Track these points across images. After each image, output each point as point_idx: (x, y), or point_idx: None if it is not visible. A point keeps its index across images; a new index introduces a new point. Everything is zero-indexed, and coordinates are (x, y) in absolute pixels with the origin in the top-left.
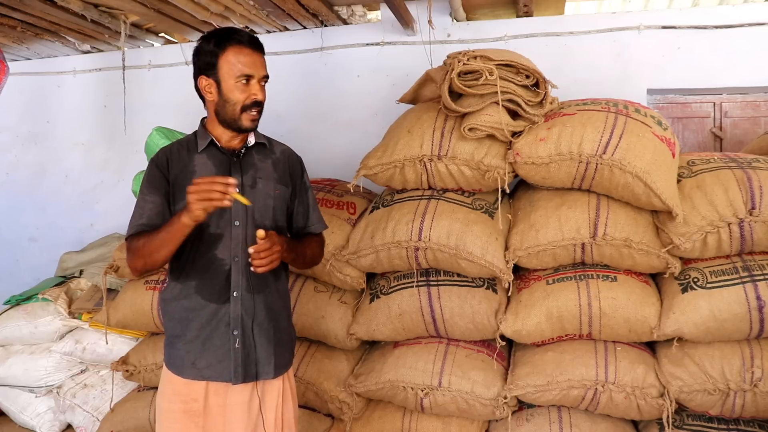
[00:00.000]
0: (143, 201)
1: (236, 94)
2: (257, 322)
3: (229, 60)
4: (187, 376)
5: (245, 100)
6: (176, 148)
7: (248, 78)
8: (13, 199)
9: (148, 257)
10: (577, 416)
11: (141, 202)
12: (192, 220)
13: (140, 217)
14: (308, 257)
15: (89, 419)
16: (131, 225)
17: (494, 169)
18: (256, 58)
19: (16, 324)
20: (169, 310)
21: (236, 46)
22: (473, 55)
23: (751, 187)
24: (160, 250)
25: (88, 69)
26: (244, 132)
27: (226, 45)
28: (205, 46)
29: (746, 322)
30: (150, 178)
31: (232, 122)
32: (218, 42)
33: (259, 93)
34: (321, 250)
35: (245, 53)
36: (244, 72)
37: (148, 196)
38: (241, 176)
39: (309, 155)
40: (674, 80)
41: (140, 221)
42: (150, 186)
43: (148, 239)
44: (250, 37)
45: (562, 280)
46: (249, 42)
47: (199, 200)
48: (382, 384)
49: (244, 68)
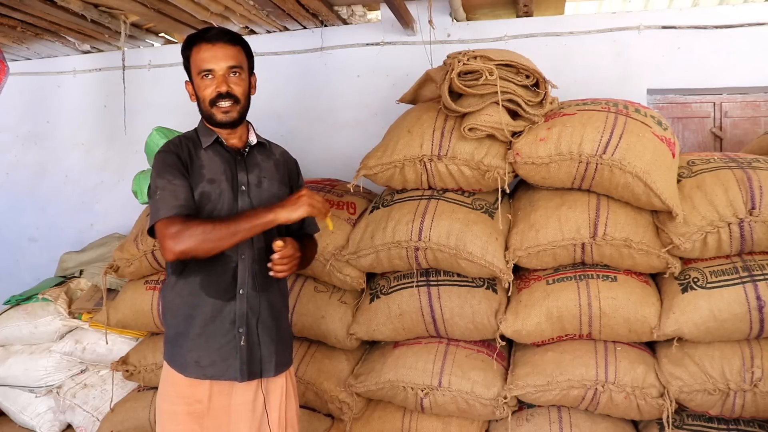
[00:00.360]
0: (171, 185)
1: (201, 90)
2: (261, 320)
3: (194, 59)
4: (191, 374)
5: (210, 94)
6: (181, 142)
7: (208, 72)
8: (13, 199)
9: (208, 243)
10: (577, 416)
11: (168, 185)
12: (290, 219)
13: (175, 198)
14: (308, 259)
15: (89, 419)
16: (166, 206)
17: (494, 169)
18: (218, 51)
19: (16, 324)
20: (171, 307)
21: (197, 44)
22: (473, 55)
23: (751, 187)
24: (231, 239)
25: (88, 69)
26: (222, 126)
27: (191, 46)
28: (182, 52)
29: (746, 322)
30: (169, 164)
31: (209, 119)
32: (186, 45)
33: (223, 85)
34: (316, 251)
35: (204, 48)
36: (203, 67)
37: (176, 180)
38: (247, 175)
39: (309, 155)
40: (674, 80)
41: (177, 202)
42: (173, 170)
43: (216, 224)
44: (216, 32)
45: (562, 280)
46: (213, 36)
47: (312, 205)
48: (382, 384)
49: (202, 64)
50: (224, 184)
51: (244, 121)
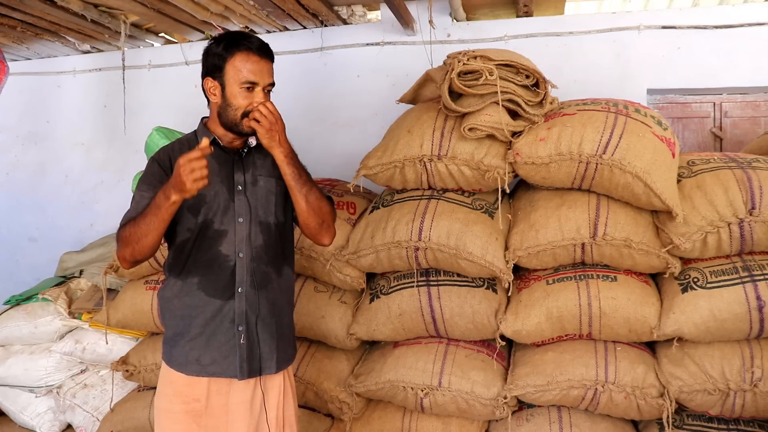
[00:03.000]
0: (140, 197)
1: (239, 99)
2: (261, 317)
3: (236, 65)
4: (191, 372)
5: (247, 106)
6: (178, 147)
7: (252, 85)
8: (13, 199)
9: (135, 244)
10: (577, 416)
11: (137, 197)
12: (182, 195)
13: (135, 211)
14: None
15: (89, 419)
16: (124, 219)
17: (494, 169)
18: (263, 66)
19: (16, 324)
20: (170, 307)
21: (244, 52)
22: (473, 55)
23: (751, 187)
24: (148, 234)
25: (88, 69)
26: (243, 136)
27: (234, 50)
28: (215, 48)
29: (746, 322)
30: (149, 175)
31: (233, 126)
32: (227, 46)
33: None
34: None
35: (252, 60)
36: (249, 79)
37: (146, 192)
38: (244, 174)
39: (309, 155)
40: (674, 80)
41: (134, 215)
42: (149, 183)
43: (134, 225)
44: (260, 44)
45: (562, 280)
46: (258, 49)
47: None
48: (382, 384)
49: (249, 75)
50: (218, 185)
51: None
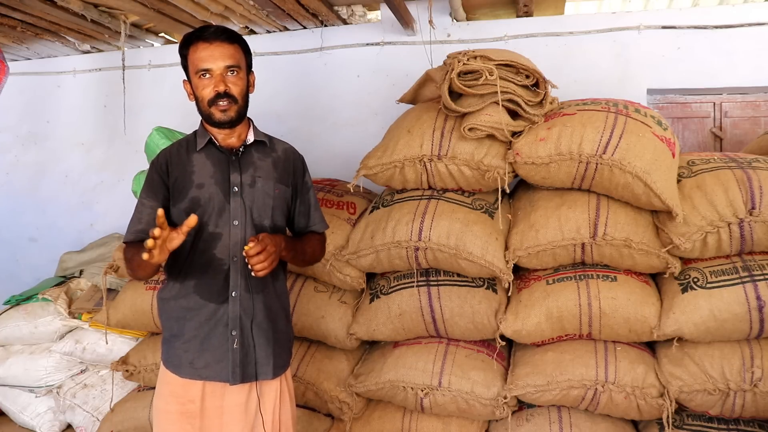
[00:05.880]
0: (142, 206)
1: (199, 90)
2: (256, 322)
3: (191, 58)
4: (185, 375)
5: (208, 94)
6: (176, 149)
7: (206, 72)
8: (13, 199)
9: (133, 272)
10: (577, 416)
11: (140, 206)
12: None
13: (138, 222)
14: (308, 255)
15: (89, 419)
16: (129, 230)
17: (494, 169)
18: (215, 50)
19: (16, 324)
20: (166, 309)
21: (195, 44)
22: (473, 55)
23: (751, 187)
24: (138, 271)
25: (88, 69)
26: (221, 126)
27: (188, 45)
28: (179, 51)
29: (746, 322)
30: (149, 183)
31: (208, 118)
32: (183, 44)
33: (220, 84)
34: (322, 248)
35: (201, 48)
36: (200, 67)
37: (147, 201)
38: (240, 175)
39: (309, 155)
40: (674, 80)
41: (138, 227)
42: (149, 191)
43: (131, 257)
44: (214, 29)
45: (562, 280)
46: (210, 35)
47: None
48: (382, 384)
49: (199, 63)
50: (213, 188)
51: (243, 120)
